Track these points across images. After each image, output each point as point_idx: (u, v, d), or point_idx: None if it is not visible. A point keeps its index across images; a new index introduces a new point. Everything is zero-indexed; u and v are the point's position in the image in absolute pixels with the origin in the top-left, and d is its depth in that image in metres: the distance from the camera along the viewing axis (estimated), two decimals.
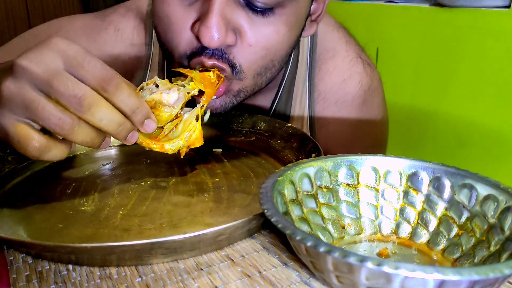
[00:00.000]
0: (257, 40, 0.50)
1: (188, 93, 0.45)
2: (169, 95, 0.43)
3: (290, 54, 0.57)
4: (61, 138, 0.38)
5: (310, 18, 0.59)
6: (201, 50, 0.50)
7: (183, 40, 0.51)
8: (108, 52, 0.67)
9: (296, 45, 0.58)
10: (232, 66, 0.51)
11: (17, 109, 0.36)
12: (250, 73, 0.53)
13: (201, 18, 0.48)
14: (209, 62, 0.50)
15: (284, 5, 0.50)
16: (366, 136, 0.72)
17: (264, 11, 0.49)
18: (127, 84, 0.39)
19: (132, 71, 0.68)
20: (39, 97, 0.36)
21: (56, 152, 0.38)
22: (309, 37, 0.68)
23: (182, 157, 0.47)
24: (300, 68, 0.68)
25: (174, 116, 0.44)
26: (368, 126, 0.70)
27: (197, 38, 0.48)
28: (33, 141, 0.37)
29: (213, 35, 0.47)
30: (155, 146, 0.44)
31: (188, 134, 0.45)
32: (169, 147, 0.45)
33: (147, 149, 0.45)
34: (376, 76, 0.70)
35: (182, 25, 0.50)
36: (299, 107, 0.68)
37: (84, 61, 0.36)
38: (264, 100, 0.69)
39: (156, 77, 0.45)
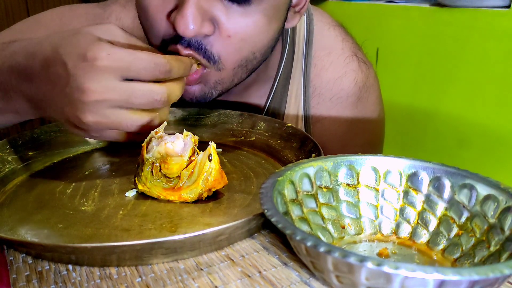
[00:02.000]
0: (236, 31, 0.50)
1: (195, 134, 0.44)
2: (174, 144, 0.42)
3: (273, 47, 0.58)
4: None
5: (294, 10, 0.59)
6: (178, 38, 0.50)
7: (160, 28, 0.51)
8: None
9: (278, 37, 0.58)
10: (209, 57, 0.51)
11: (106, 127, 0.43)
12: (229, 64, 0.53)
13: (177, 8, 0.49)
14: (184, 51, 0.50)
15: None
16: (362, 132, 0.72)
17: (241, 1, 0.49)
18: (171, 59, 0.43)
19: None
20: (124, 116, 0.42)
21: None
22: (305, 34, 0.68)
23: (203, 199, 0.43)
24: (296, 64, 0.68)
25: (186, 164, 0.42)
26: (363, 123, 0.70)
27: (174, 27, 0.49)
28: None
29: (188, 24, 0.47)
30: (173, 198, 0.43)
31: (205, 176, 0.42)
32: (188, 196, 0.42)
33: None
34: (371, 74, 0.70)
35: (159, 14, 0.51)
36: (294, 103, 0.68)
37: (135, 67, 0.41)
38: (258, 96, 0.69)
39: (165, 123, 0.44)
